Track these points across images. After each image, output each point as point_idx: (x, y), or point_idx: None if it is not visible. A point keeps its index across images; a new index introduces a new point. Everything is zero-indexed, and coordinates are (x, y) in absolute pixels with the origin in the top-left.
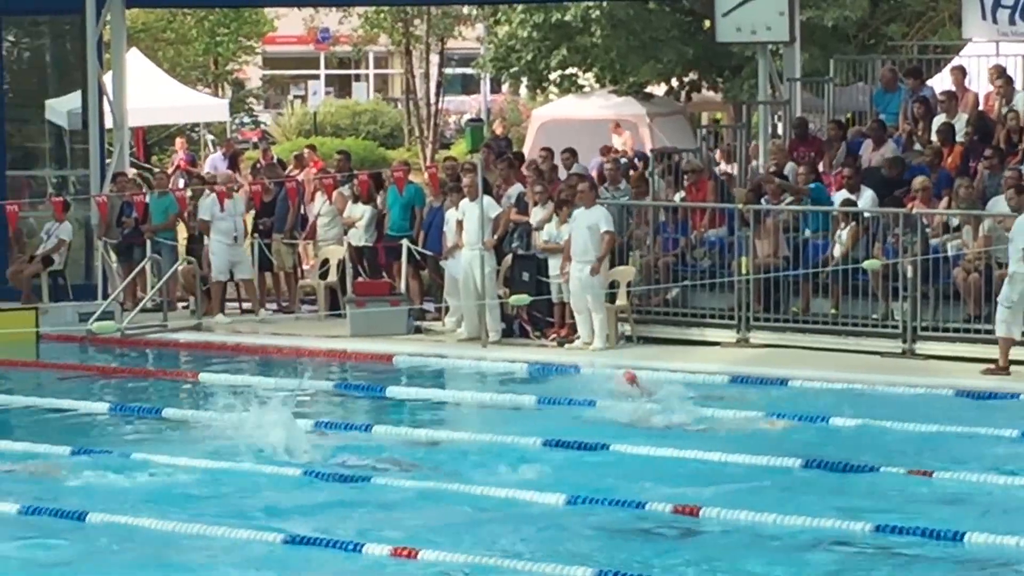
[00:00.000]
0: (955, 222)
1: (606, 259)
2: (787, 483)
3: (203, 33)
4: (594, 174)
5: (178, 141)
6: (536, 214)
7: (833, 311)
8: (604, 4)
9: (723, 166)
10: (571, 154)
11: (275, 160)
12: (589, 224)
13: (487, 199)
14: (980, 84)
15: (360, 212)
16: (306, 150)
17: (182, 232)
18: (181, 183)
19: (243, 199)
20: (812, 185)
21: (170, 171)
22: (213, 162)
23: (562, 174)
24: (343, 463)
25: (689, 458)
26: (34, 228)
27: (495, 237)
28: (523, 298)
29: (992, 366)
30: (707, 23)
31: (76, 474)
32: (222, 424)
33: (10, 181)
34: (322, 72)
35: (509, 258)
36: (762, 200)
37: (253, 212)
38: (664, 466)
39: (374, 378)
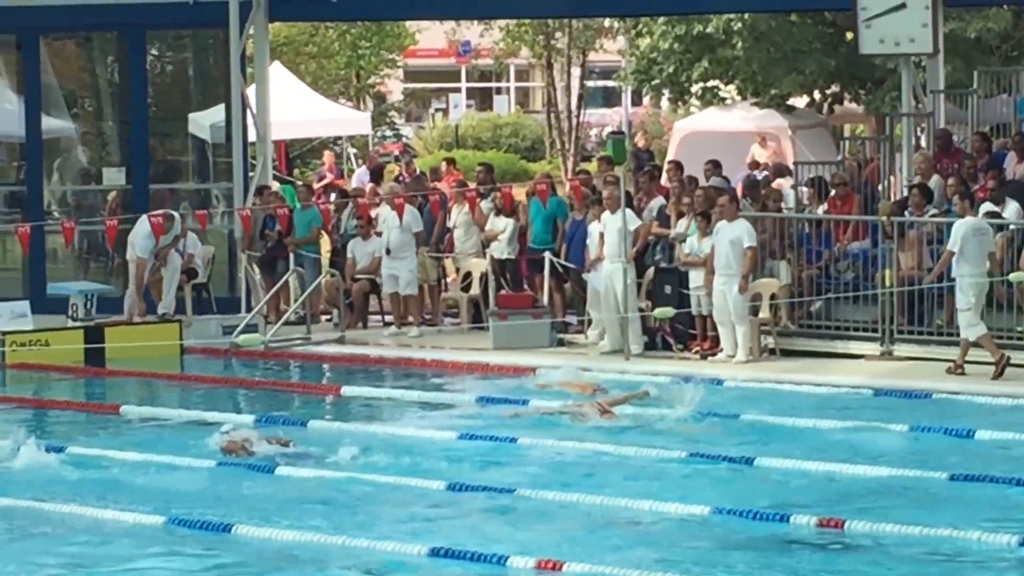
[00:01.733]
0: None
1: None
2: (932, 496)
3: (345, 47)
4: (739, 188)
5: (327, 155)
6: (679, 227)
7: None
8: (746, 16)
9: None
10: (713, 165)
11: (419, 173)
12: (732, 238)
13: (628, 212)
14: None
15: (502, 225)
16: (443, 163)
17: (325, 245)
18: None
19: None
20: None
21: (316, 185)
22: (359, 177)
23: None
24: (487, 475)
25: (833, 471)
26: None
27: (635, 250)
28: (667, 311)
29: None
30: (849, 35)
31: (224, 484)
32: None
33: (153, 194)
34: (463, 85)
35: (651, 271)
36: (906, 212)
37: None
38: (811, 479)
39: (518, 391)
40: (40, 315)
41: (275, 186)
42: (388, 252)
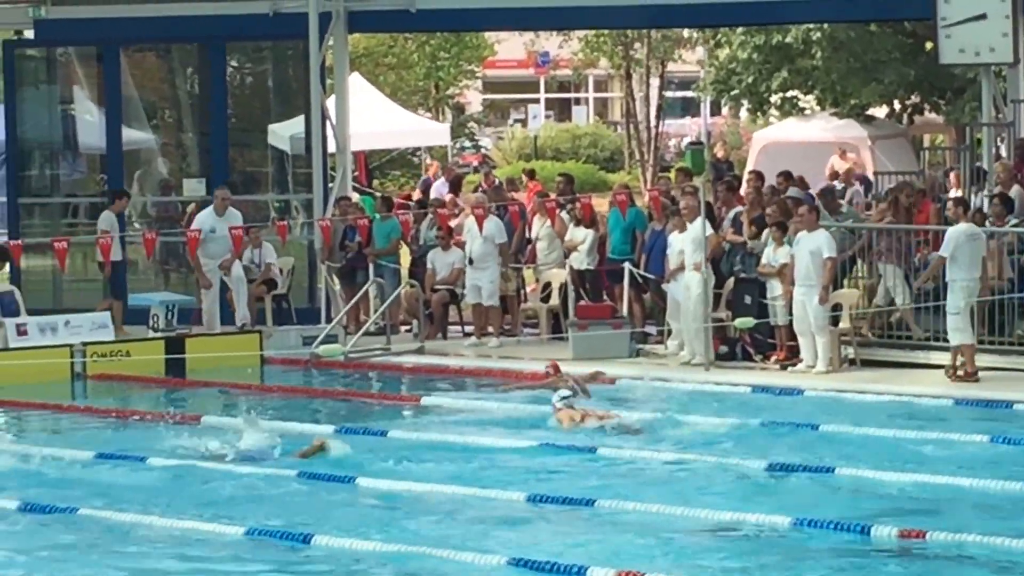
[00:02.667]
0: None
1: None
2: (1014, 506)
3: (424, 58)
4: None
5: (434, 166)
6: (760, 237)
7: None
8: (825, 26)
9: (954, 191)
10: (785, 177)
11: (497, 183)
12: (811, 249)
13: (703, 222)
14: None
15: (582, 236)
16: (524, 174)
17: (405, 256)
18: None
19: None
20: None
21: (418, 196)
22: (438, 188)
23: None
24: (568, 485)
25: (914, 482)
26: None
27: (705, 259)
28: (748, 321)
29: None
30: (929, 45)
31: (307, 495)
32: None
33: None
34: (542, 96)
35: (731, 281)
36: (986, 223)
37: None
38: (892, 490)
39: (598, 401)
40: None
41: (355, 197)
42: (471, 263)
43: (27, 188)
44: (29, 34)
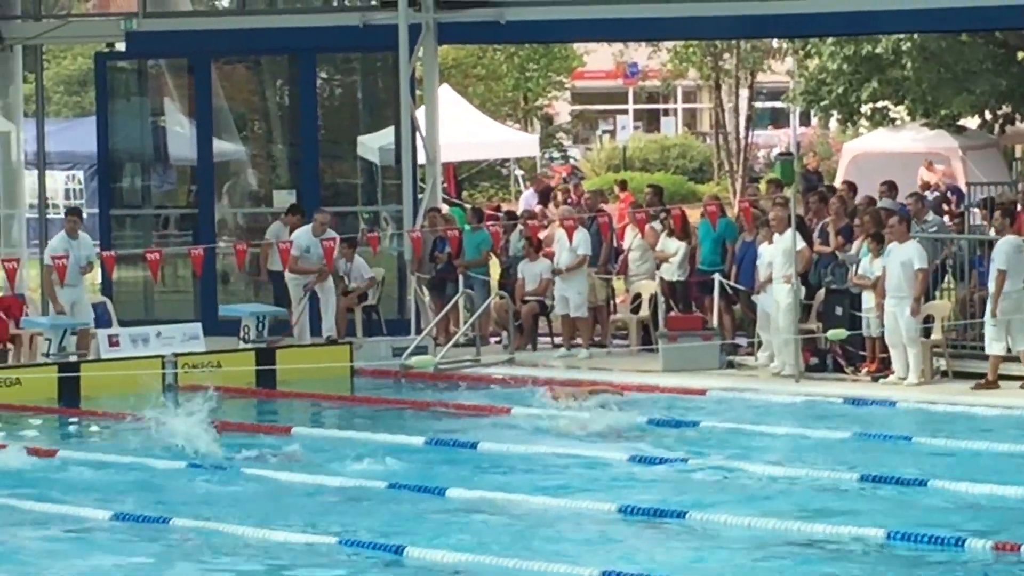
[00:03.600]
0: None
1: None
2: None
3: (513, 69)
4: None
5: (556, 168)
6: (850, 248)
7: None
8: (916, 36)
9: None
10: (889, 187)
11: (596, 191)
12: (903, 260)
13: (791, 233)
14: None
15: (673, 247)
16: (615, 185)
17: (495, 267)
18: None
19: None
20: None
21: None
22: (527, 199)
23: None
24: (658, 496)
25: (1008, 494)
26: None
27: (795, 271)
28: (840, 332)
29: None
30: (1021, 55)
31: (394, 505)
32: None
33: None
34: (631, 107)
35: (822, 292)
36: None
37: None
38: (986, 502)
39: (688, 412)
40: (212, 337)
41: (444, 208)
42: (559, 274)
43: (119, 200)
44: (121, 47)
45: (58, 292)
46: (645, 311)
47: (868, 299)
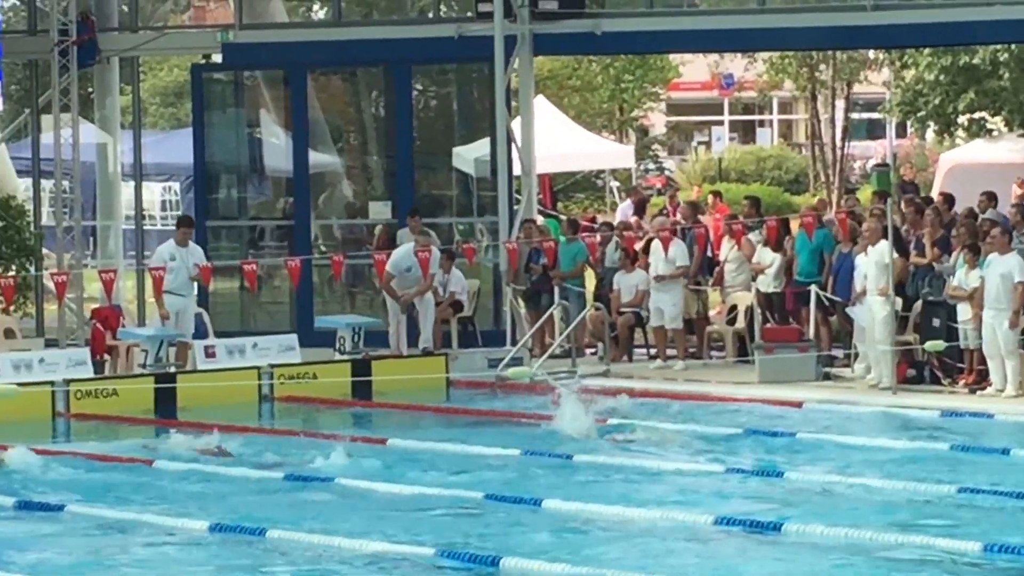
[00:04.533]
0: None
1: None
2: None
3: (608, 80)
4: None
5: (631, 197)
6: (947, 259)
7: None
8: (1013, 46)
9: None
10: (988, 198)
11: (692, 202)
12: (1003, 272)
13: (885, 244)
14: None
15: (769, 258)
16: (710, 196)
17: (591, 278)
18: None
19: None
20: None
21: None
22: (623, 210)
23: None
24: (754, 508)
25: None
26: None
27: (890, 283)
28: (938, 344)
29: None
30: None
31: (489, 516)
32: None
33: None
34: (726, 118)
35: (919, 304)
36: None
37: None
38: None
39: (784, 424)
40: (308, 348)
41: (540, 220)
42: (659, 280)
43: (215, 211)
44: (217, 58)
45: (164, 299)
46: (741, 322)
47: (964, 311)
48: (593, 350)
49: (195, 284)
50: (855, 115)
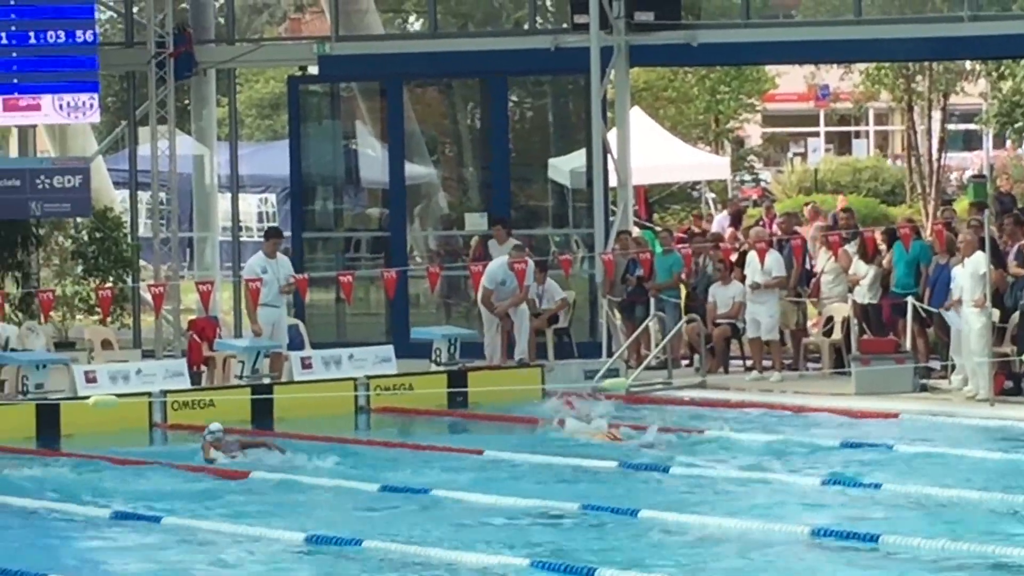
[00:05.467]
0: None
1: None
2: None
3: (704, 91)
4: None
5: (728, 209)
6: None
7: None
8: None
9: None
10: None
11: (789, 213)
12: None
13: (981, 256)
14: None
15: (865, 270)
16: (805, 207)
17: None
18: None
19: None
20: None
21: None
22: (719, 222)
23: None
24: (851, 520)
25: None
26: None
27: (987, 294)
28: None
29: None
30: None
31: (586, 527)
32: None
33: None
34: (822, 129)
35: (1017, 315)
36: None
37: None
38: None
39: (881, 436)
40: (404, 359)
41: (635, 231)
42: (756, 289)
43: (311, 223)
44: (313, 70)
45: (258, 313)
46: (838, 334)
47: None
48: (688, 361)
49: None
50: (951, 126)
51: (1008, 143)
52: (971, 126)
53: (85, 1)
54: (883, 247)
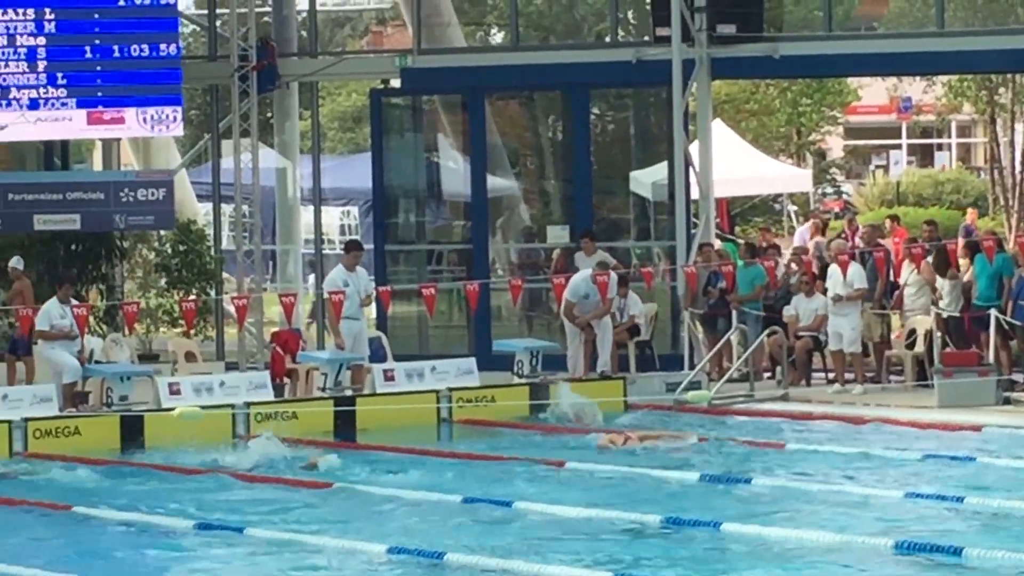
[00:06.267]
0: None
1: None
2: None
3: (786, 104)
4: None
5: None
6: None
7: None
8: None
9: None
10: None
11: (873, 226)
12: None
13: None
14: None
15: (941, 283)
16: (887, 220)
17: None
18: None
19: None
20: None
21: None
22: (801, 234)
23: None
24: (933, 533)
25: None
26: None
27: None
28: None
29: None
30: None
31: (668, 539)
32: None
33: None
34: (904, 141)
35: None
36: None
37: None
38: None
39: (963, 449)
40: (486, 372)
41: (717, 244)
42: (837, 302)
43: (393, 235)
44: (396, 83)
45: (340, 325)
46: (920, 346)
47: None
48: (770, 374)
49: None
50: None
51: None
52: None
53: (169, 15)
54: (964, 260)
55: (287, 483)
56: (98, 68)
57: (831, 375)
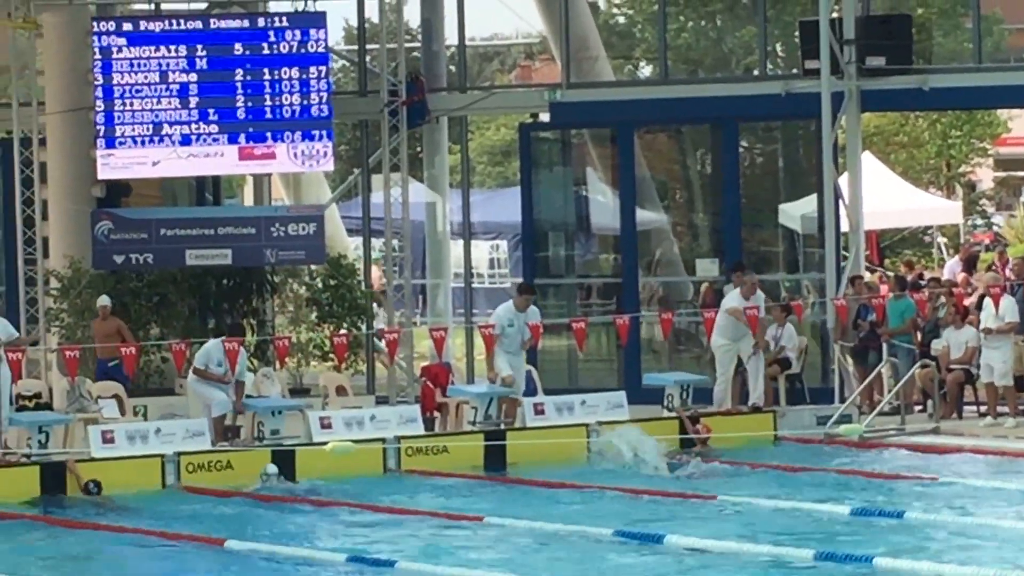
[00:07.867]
0: None
1: None
2: None
3: (935, 135)
4: None
5: (960, 254)
6: None
7: None
8: None
9: None
10: None
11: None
12: None
13: None
14: None
15: None
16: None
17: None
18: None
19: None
20: None
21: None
22: (951, 267)
23: None
24: None
25: None
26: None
27: None
28: None
29: None
30: None
31: (820, 574)
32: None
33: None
34: None
35: None
36: None
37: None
38: None
39: None
40: (635, 405)
41: (867, 276)
42: (988, 334)
43: (543, 269)
44: (544, 117)
45: (497, 361)
46: None
47: None
48: (921, 407)
49: None
50: None
51: None
52: None
53: (319, 51)
54: None
55: (437, 516)
56: (249, 104)
57: (983, 408)
